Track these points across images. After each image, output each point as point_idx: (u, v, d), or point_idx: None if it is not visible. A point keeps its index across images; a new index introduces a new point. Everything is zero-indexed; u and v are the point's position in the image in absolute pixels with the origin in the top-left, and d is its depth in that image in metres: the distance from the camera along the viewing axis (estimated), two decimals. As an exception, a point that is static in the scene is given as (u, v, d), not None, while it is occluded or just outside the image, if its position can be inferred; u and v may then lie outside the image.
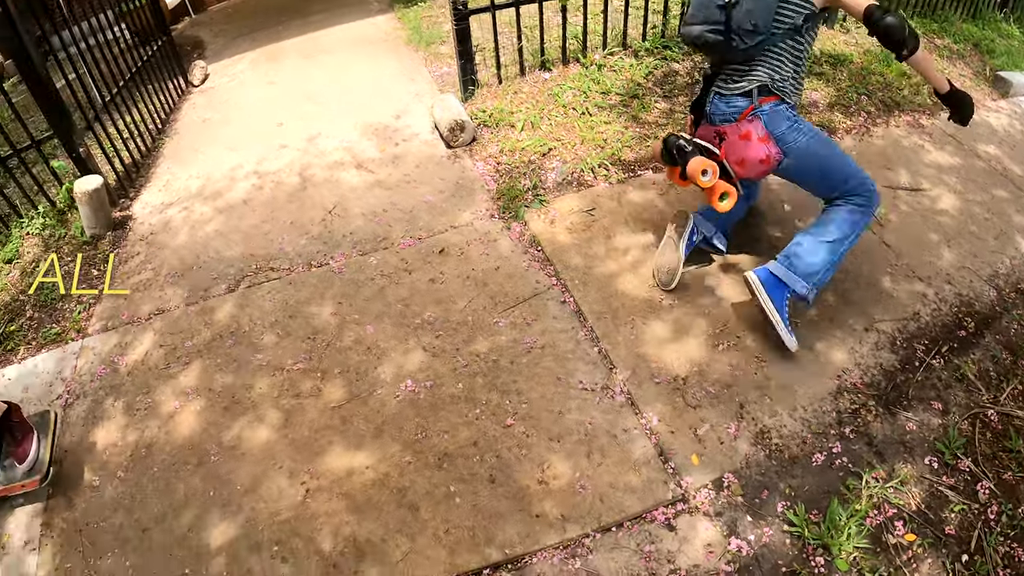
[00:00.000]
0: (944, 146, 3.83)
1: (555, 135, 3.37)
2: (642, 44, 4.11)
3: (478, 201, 3.06)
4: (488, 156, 3.32)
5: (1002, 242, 3.09)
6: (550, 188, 3.05)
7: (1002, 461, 2.12)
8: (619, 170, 3.16)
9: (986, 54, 5.58)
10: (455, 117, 3.40)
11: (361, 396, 2.26)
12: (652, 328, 2.40)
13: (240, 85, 4.81)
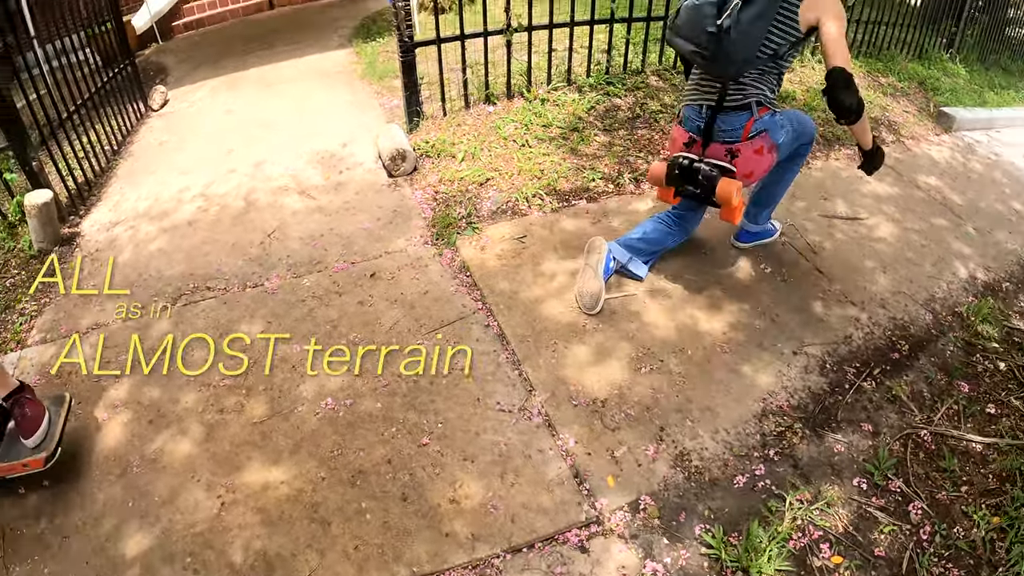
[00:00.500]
0: (884, 178, 3.97)
1: (494, 166, 3.47)
2: (586, 80, 4.26)
3: (413, 228, 3.13)
4: (427, 185, 3.39)
5: (939, 268, 3.22)
6: (484, 216, 3.13)
7: (935, 481, 2.16)
8: (554, 200, 3.26)
9: (931, 91, 5.84)
10: (397, 147, 3.49)
11: (282, 413, 2.29)
12: (574, 352, 2.43)
13: (198, 112, 4.94)
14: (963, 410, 2.43)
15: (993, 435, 2.35)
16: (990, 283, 3.24)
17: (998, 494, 2.13)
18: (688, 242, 2.99)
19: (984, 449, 2.28)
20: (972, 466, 2.23)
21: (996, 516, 2.05)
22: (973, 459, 2.25)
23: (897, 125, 4.93)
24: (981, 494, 2.13)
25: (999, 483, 2.16)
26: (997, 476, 2.19)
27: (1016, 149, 5.44)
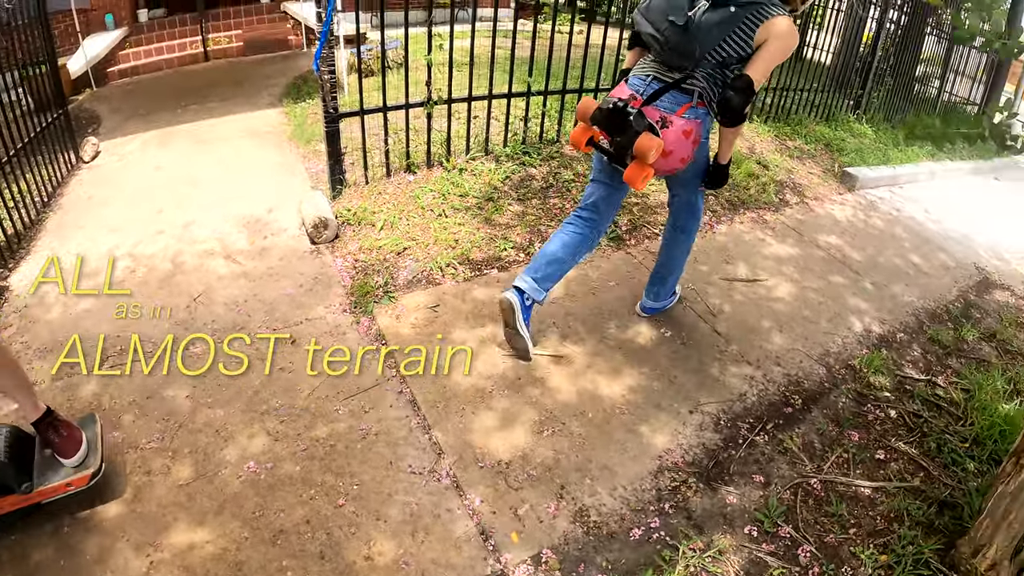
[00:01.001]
0: (785, 239, 4.30)
1: (411, 235, 3.65)
2: (503, 150, 4.53)
3: (333, 296, 3.28)
4: (347, 253, 3.56)
5: (835, 323, 3.51)
6: (401, 285, 3.30)
7: (824, 525, 2.36)
8: (467, 269, 3.46)
9: (836, 152, 6.29)
10: (320, 215, 3.66)
11: (207, 475, 2.38)
12: (481, 417, 2.61)
13: (128, 166, 5.04)
14: (852, 457, 2.66)
15: (882, 479, 2.58)
16: (884, 335, 3.55)
17: (886, 534, 2.34)
18: (593, 310, 3.22)
19: (872, 493, 2.51)
20: (860, 509, 2.44)
21: (884, 554, 2.25)
22: (861, 503, 2.47)
23: (802, 187, 5.31)
24: (869, 534, 2.34)
25: (887, 523, 2.38)
26: (885, 517, 2.41)
27: (917, 204, 5.90)
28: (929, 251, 4.84)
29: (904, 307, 3.89)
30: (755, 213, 4.60)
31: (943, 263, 4.70)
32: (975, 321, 3.95)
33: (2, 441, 2.15)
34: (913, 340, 3.60)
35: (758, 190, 4.91)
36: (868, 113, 7.69)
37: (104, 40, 8.78)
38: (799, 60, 6.95)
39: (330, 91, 3.78)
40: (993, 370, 3.32)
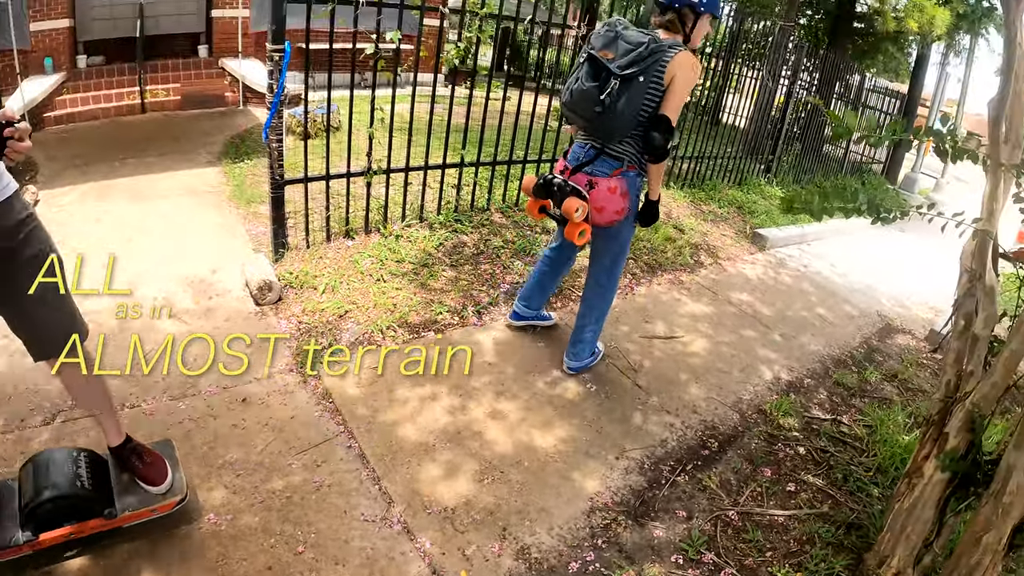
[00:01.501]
0: (700, 298, 4.71)
1: (352, 299, 3.85)
2: (436, 217, 4.82)
3: (280, 356, 3.44)
4: (291, 315, 3.73)
5: (747, 373, 3.89)
6: (344, 347, 3.49)
7: (743, 551, 2.65)
8: (405, 332, 3.69)
9: (748, 215, 6.82)
10: (264, 278, 3.82)
11: (167, 527, 2.45)
12: (426, 468, 2.84)
13: (69, 217, 5.02)
14: (766, 490, 2.98)
15: (793, 508, 2.91)
16: (793, 381, 3.96)
17: (800, 554, 2.65)
18: (524, 369, 3.53)
19: (786, 520, 2.83)
20: (775, 535, 2.75)
21: (799, 572, 2.55)
22: (776, 529, 2.78)
23: (716, 249, 5.77)
24: (784, 556, 2.64)
25: (800, 545, 2.70)
26: (798, 540, 2.72)
27: (824, 260, 6.47)
28: (835, 303, 5.35)
29: (811, 355, 4.33)
30: (672, 275, 5.03)
31: (847, 313, 5.21)
32: (878, 364, 4.42)
33: (84, 467, 2.22)
34: (820, 384, 4.02)
35: (675, 253, 5.36)
36: (779, 176, 8.34)
37: (43, 84, 8.74)
38: (715, 125, 7.56)
39: (277, 159, 4.00)
40: (894, 407, 3.76)
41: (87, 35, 10.29)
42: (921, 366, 4.50)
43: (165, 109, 9.20)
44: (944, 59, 14.29)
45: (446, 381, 3.34)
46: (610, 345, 3.88)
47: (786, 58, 8.07)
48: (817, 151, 9.69)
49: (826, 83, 9.25)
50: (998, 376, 2.11)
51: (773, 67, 7.90)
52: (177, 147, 7.16)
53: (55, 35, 9.64)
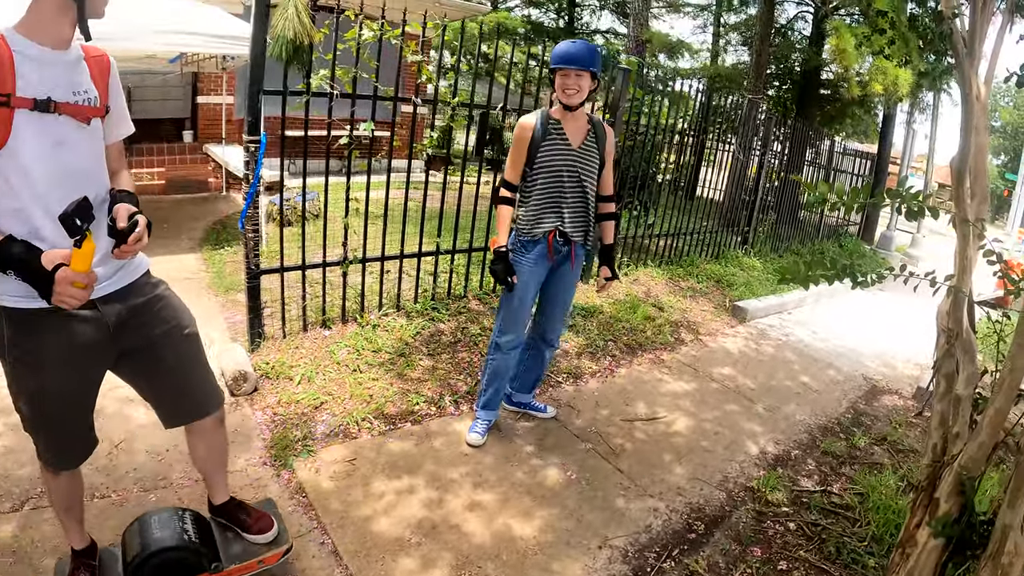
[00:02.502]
0: (682, 375, 4.65)
1: (327, 389, 3.79)
2: (414, 306, 4.80)
3: (253, 448, 3.35)
4: (266, 406, 3.66)
5: (732, 450, 3.79)
6: (319, 439, 3.40)
7: None
8: (381, 423, 3.60)
9: (726, 288, 6.82)
10: (239, 368, 3.76)
11: None
12: (402, 564, 2.71)
13: None
14: (756, 571, 2.84)
15: None
16: (779, 455, 3.85)
17: None
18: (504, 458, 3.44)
19: None
20: None
21: None
22: None
23: (696, 324, 5.74)
24: None
25: None
26: None
27: (805, 327, 6.44)
28: (818, 370, 5.30)
29: (797, 425, 4.24)
30: (652, 354, 4.98)
31: (832, 379, 5.15)
32: (866, 428, 4.33)
33: (190, 524, 2.24)
34: (807, 455, 3.90)
35: (654, 332, 5.33)
36: (756, 247, 8.39)
37: None
38: (691, 199, 7.64)
39: (253, 248, 3.99)
40: (885, 471, 3.66)
41: (75, 118, 10.45)
42: (911, 425, 4.42)
43: (149, 193, 9.27)
44: (910, 117, 14.72)
45: (422, 473, 3.23)
46: (590, 430, 3.79)
47: (756, 130, 8.24)
48: (793, 218, 9.80)
49: (797, 151, 9.42)
50: (985, 436, 2.04)
51: (744, 139, 8.05)
52: (159, 232, 7.17)
53: None
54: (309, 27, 3.64)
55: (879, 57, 9.67)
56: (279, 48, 3.61)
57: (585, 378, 4.45)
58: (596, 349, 4.84)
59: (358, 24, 3.81)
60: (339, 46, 3.90)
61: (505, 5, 19.97)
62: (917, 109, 14.29)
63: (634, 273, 6.58)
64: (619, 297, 5.85)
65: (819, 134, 10.80)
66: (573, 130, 3.27)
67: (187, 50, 6.96)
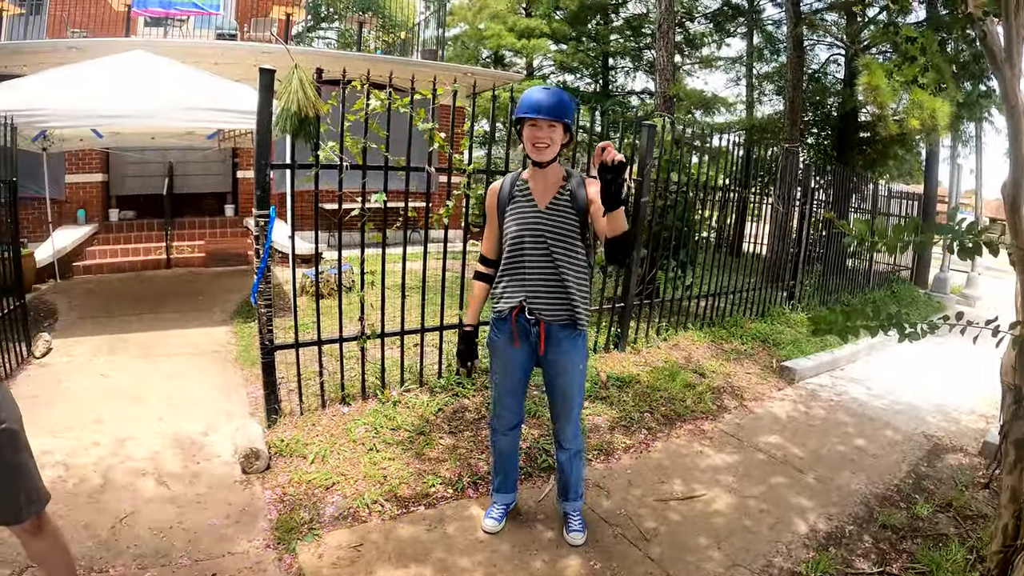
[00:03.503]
0: (724, 447, 4.32)
1: (341, 470, 3.62)
2: (437, 381, 4.60)
3: (258, 529, 3.19)
4: (277, 485, 3.51)
5: (778, 530, 3.41)
6: (326, 522, 3.22)
7: None
8: (393, 506, 3.39)
9: (773, 347, 6.44)
10: (252, 446, 3.65)
11: None
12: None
13: (77, 370, 5.13)
14: None
15: None
16: (832, 532, 3.43)
17: None
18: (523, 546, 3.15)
19: None
20: None
21: None
22: None
23: (740, 389, 5.39)
24: None
25: None
26: None
27: (859, 384, 6.03)
28: (874, 431, 4.88)
29: (851, 496, 3.83)
30: (692, 425, 4.65)
31: (890, 440, 4.73)
32: (928, 494, 3.89)
33: None
34: (863, 530, 3.48)
35: (695, 400, 5.00)
36: (803, 301, 8.01)
37: (74, 234, 9.24)
38: (735, 256, 7.37)
39: (266, 324, 3.91)
40: (951, 543, 3.24)
41: (120, 190, 10.91)
42: (978, 486, 3.97)
43: (190, 265, 9.46)
44: (953, 151, 14.19)
45: (431, 562, 2.98)
46: (619, 512, 3.48)
47: (796, 179, 7.97)
48: (840, 268, 9.39)
49: (841, 198, 9.09)
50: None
51: (784, 191, 7.78)
52: (194, 304, 7.30)
53: (89, 188, 10.29)
54: (314, 99, 3.58)
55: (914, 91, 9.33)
56: (283, 121, 3.55)
57: (617, 454, 4.14)
58: (631, 422, 4.53)
59: (365, 93, 3.75)
60: (349, 117, 3.85)
61: (540, 73, 20.27)
62: (960, 142, 13.70)
63: (673, 338, 6.28)
64: (657, 364, 5.55)
65: (862, 179, 10.44)
66: (541, 189, 2.85)
67: (222, 126, 7.12)
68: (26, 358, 5.22)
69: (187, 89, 6.29)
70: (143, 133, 7.82)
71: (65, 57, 8.46)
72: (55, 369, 5.12)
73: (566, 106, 2.70)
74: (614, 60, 19.64)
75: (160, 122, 6.09)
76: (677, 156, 6.37)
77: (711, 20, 17.56)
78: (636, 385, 5.07)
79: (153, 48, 7.98)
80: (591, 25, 18.88)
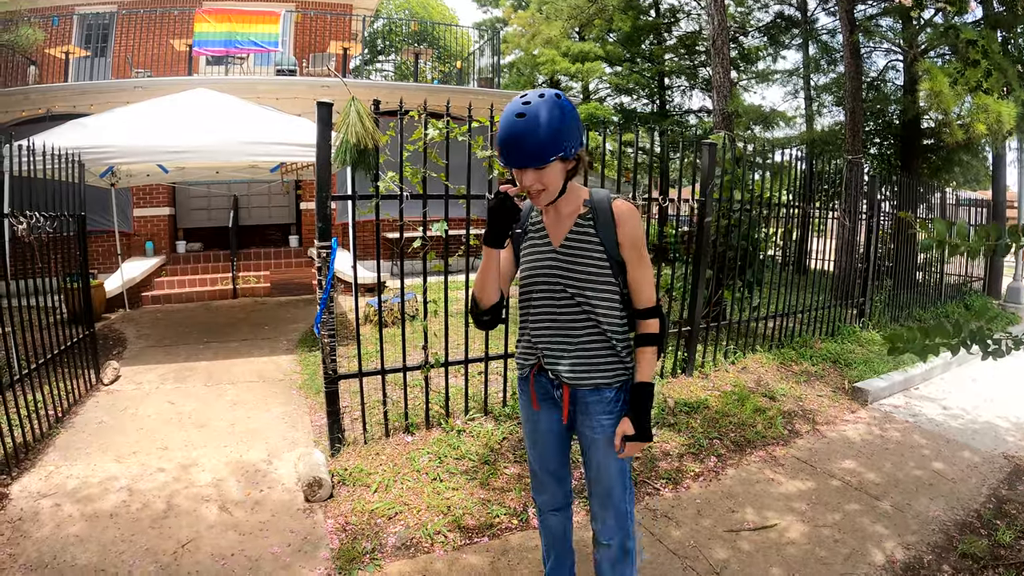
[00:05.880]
0: (797, 474, 4.15)
1: (404, 499, 3.60)
2: (503, 410, 4.58)
3: (320, 559, 3.18)
4: (339, 514, 3.50)
5: (853, 560, 3.25)
6: (388, 552, 3.20)
7: None
8: (457, 536, 3.34)
9: (844, 367, 6.20)
10: (315, 475, 3.66)
11: None
12: None
13: (143, 396, 5.29)
14: None
15: None
16: (909, 562, 3.25)
17: None
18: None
19: None
20: None
21: None
22: None
23: (812, 412, 5.20)
24: None
25: None
26: None
27: (934, 403, 5.75)
28: (951, 452, 4.63)
29: (929, 524, 3.62)
30: (763, 451, 4.49)
31: (968, 462, 4.47)
32: (1011, 519, 3.65)
33: None
34: (943, 560, 3.29)
35: (765, 425, 4.84)
36: (874, 318, 7.71)
37: (142, 265, 9.60)
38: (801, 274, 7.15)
39: (329, 353, 3.94)
40: None
41: (186, 223, 11.31)
42: None
43: (255, 295, 9.68)
44: (1021, 155, 13.61)
45: (500, 594, 2.93)
46: (688, 544, 3.35)
47: (862, 192, 7.71)
48: (911, 283, 9.03)
49: (908, 208, 8.76)
50: None
51: (849, 204, 7.54)
52: (260, 333, 7.44)
53: (156, 221, 10.70)
54: (372, 130, 3.62)
55: (977, 94, 8.96)
56: (343, 153, 3.60)
57: (686, 483, 4.01)
58: (699, 449, 4.40)
59: (423, 123, 3.78)
60: (408, 147, 3.88)
61: (597, 96, 20.25)
62: (1027, 145, 13.20)
63: (741, 360, 6.12)
64: (726, 388, 5.41)
65: (929, 188, 10.07)
66: (555, 221, 2.26)
67: (284, 159, 7.30)
68: (95, 385, 5.41)
69: (248, 124, 6.48)
70: (207, 167, 8.10)
71: (130, 96, 8.87)
72: (122, 396, 5.29)
73: (547, 140, 2.00)
74: (669, 79, 19.47)
75: (223, 157, 6.28)
76: (740, 174, 6.25)
77: (764, 33, 17.25)
78: (704, 411, 4.95)
79: (214, 86, 8.28)
80: (644, 45, 18.79)
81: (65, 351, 4.81)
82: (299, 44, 13.18)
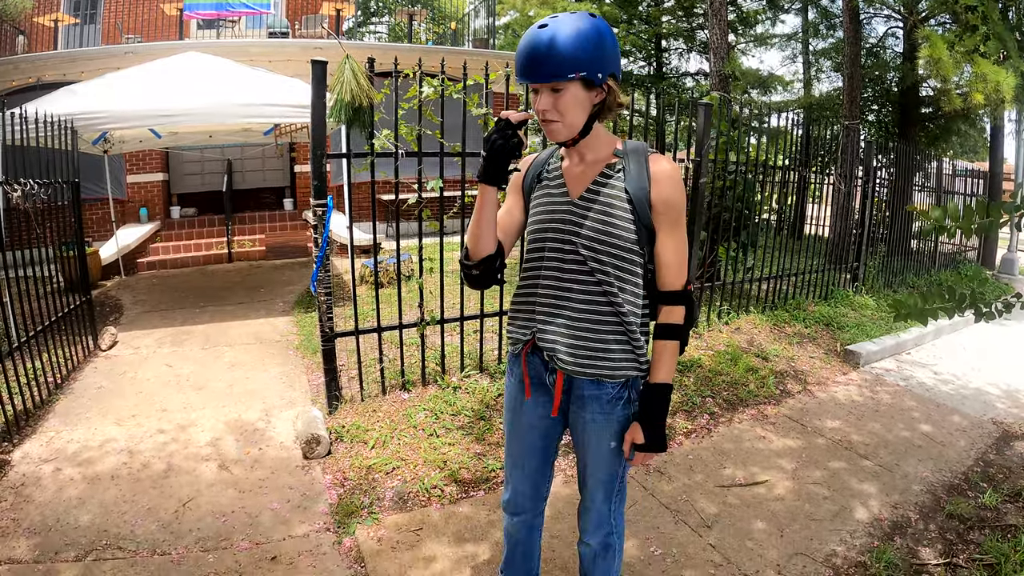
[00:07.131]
0: (787, 432, 4.22)
1: (401, 455, 3.65)
2: (497, 366, 4.62)
3: (319, 513, 3.24)
4: (337, 470, 3.56)
5: (841, 517, 3.32)
6: (386, 506, 3.25)
7: None
8: (453, 490, 3.40)
9: (836, 330, 6.25)
10: (313, 431, 3.71)
11: None
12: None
13: (141, 361, 5.33)
14: None
15: None
16: (897, 521, 3.33)
17: None
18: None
19: None
20: None
21: None
22: None
23: (804, 373, 5.26)
24: None
25: None
26: None
27: (925, 368, 5.82)
28: (940, 416, 4.71)
29: (917, 484, 3.70)
30: (755, 409, 4.56)
31: (957, 426, 4.55)
32: (997, 483, 3.73)
33: None
34: (929, 520, 3.37)
35: (757, 384, 4.91)
36: (867, 283, 7.75)
37: (137, 232, 9.58)
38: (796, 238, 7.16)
39: (326, 312, 3.97)
40: (1020, 534, 3.11)
41: (180, 188, 11.26)
42: None
43: (251, 258, 9.65)
44: (1019, 126, 13.44)
45: (490, 544, 2.98)
46: (680, 498, 3.43)
47: (858, 158, 7.70)
48: (905, 249, 9.06)
49: (904, 176, 8.75)
50: None
51: (845, 169, 7.53)
52: (256, 296, 7.45)
53: (150, 187, 10.64)
54: (367, 88, 3.60)
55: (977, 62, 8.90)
56: (338, 112, 3.58)
57: (678, 439, 4.08)
58: (692, 406, 4.47)
59: (417, 80, 3.76)
60: (403, 105, 3.87)
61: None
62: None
63: (735, 321, 6.16)
64: (719, 348, 5.46)
65: (926, 156, 10.04)
66: (576, 169, 1.91)
67: (278, 121, 7.24)
68: (93, 351, 5.44)
69: (241, 86, 6.42)
70: (200, 132, 8.03)
71: (121, 62, 8.77)
72: (121, 361, 5.32)
73: (568, 53, 1.65)
74: (667, 42, 19.26)
75: (216, 120, 6.23)
76: (735, 137, 6.23)
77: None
78: (698, 369, 5.01)
79: (206, 49, 8.19)
80: (642, 7, 18.54)
81: (62, 318, 4.83)
82: (291, 6, 13.01)
